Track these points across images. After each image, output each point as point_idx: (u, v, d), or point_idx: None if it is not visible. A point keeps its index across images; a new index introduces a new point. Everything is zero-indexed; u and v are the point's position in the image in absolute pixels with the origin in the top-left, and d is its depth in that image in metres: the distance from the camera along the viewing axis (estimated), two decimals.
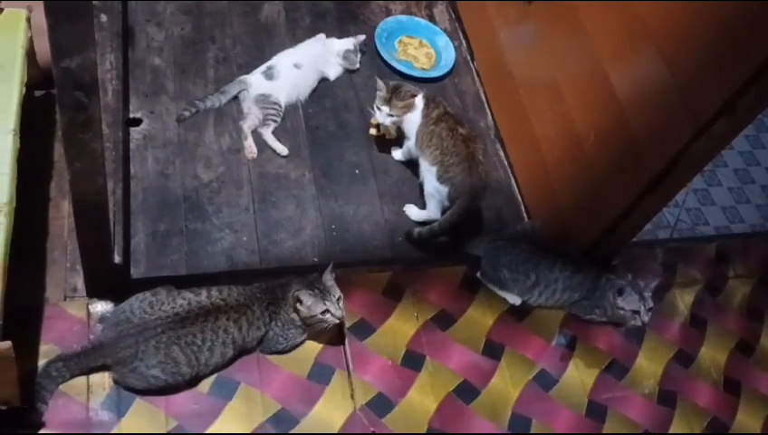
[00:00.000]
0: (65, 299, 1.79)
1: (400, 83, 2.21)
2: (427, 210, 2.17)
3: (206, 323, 1.66)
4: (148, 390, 1.66)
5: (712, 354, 2.14)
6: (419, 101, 2.17)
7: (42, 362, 1.65)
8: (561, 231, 2.14)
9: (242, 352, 1.78)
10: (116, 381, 1.66)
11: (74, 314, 1.76)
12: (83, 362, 1.62)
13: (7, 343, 1.35)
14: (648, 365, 2.07)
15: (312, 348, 1.86)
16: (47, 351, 1.69)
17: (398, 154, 2.32)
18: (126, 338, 1.61)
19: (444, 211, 2.13)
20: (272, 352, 1.81)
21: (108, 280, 1.77)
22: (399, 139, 2.30)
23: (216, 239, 2.03)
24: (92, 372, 1.66)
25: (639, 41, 1.78)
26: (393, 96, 2.15)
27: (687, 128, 1.68)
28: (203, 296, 1.69)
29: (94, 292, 1.79)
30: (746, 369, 2.15)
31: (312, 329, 1.80)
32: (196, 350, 1.65)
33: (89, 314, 1.77)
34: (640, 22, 1.77)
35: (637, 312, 1.92)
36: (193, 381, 1.71)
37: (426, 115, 2.14)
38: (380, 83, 2.17)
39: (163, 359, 1.62)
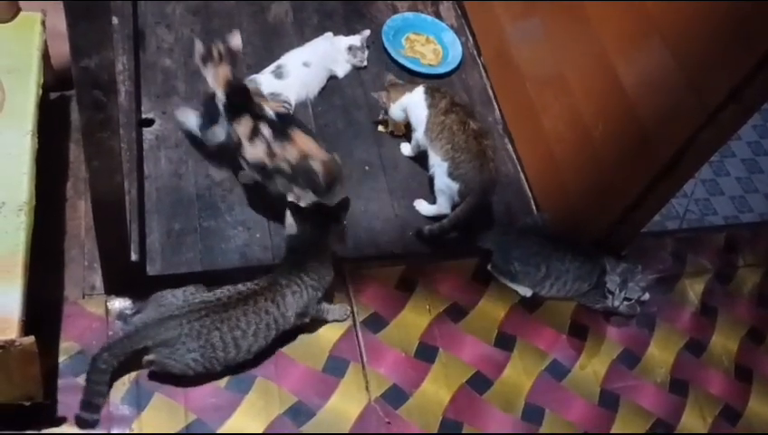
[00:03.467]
0: (84, 297, 1.82)
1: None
2: (437, 205, 2.19)
3: (248, 307, 1.71)
4: (182, 375, 1.68)
5: (723, 342, 2.16)
6: (420, 91, 2.19)
7: (62, 359, 1.69)
8: (570, 223, 2.15)
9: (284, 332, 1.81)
10: (150, 365, 1.67)
11: (93, 311, 1.79)
12: (127, 345, 1.63)
13: (30, 338, 1.38)
14: (660, 354, 2.08)
15: (327, 341, 1.88)
16: (67, 348, 1.72)
17: (406, 149, 2.34)
18: (170, 319, 1.63)
19: (454, 206, 2.15)
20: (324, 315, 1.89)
21: (125, 277, 1.80)
22: (408, 134, 2.32)
23: (229, 236, 2.05)
24: (136, 357, 1.66)
25: (645, 31, 1.79)
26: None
27: (695, 117, 1.70)
28: (239, 286, 1.75)
29: (112, 289, 1.82)
30: (758, 356, 2.16)
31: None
32: (240, 335, 1.69)
33: (107, 311, 1.80)
34: (645, 12, 1.78)
35: (611, 292, 1.94)
36: (226, 371, 1.74)
37: (432, 105, 2.16)
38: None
39: (204, 343, 1.65)
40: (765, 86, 1.59)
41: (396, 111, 2.27)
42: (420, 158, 2.28)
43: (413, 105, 2.21)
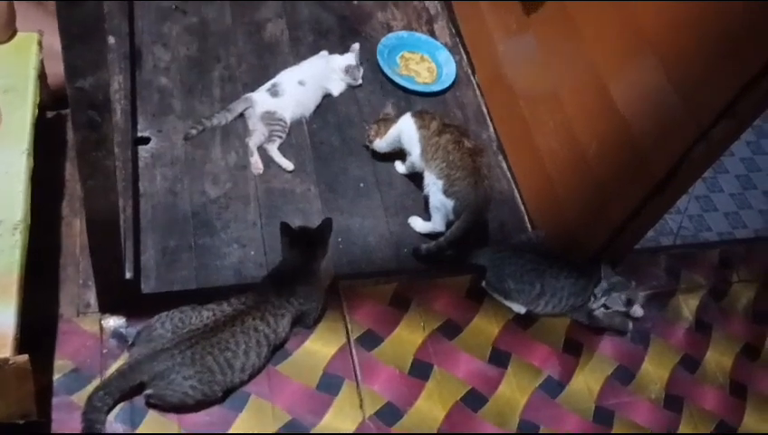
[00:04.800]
0: (78, 315, 1.82)
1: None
2: (432, 222, 2.20)
3: (235, 327, 1.71)
4: (183, 406, 1.69)
5: (718, 358, 2.16)
6: (407, 117, 2.21)
7: (57, 377, 1.69)
8: (564, 240, 2.16)
9: (276, 347, 1.83)
10: (150, 399, 1.68)
11: (87, 329, 1.80)
12: (122, 382, 1.64)
13: (24, 357, 1.38)
14: (655, 370, 2.08)
15: (321, 359, 1.89)
16: (62, 365, 1.73)
17: (401, 167, 2.36)
18: (162, 353, 1.64)
19: (449, 224, 2.16)
20: (316, 322, 1.92)
21: (120, 295, 1.80)
22: (401, 152, 2.33)
23: (224, 254, 2.06)
24: (132, 395, 1.68)
25: (638, 48, 1.81)
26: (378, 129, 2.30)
27: (688, 133, 1.71)
28: (224, 305, 1.75)
29: (107, 307, 1.82)
30: (752, 372, 2.16)
31: None
32: (231, 356, 1.70)
33: (101, 329, 1.80)
34: (639, 30, 1.80)
35: (594, 295, 1.98)
36: (227, 393, 1.74)
37: (423, 127, 2.17)
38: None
39: (200, 368, 1.65)
40: (757, 102, 1.61)
41: (381, 145, 2.30)
42: (415, 176, 2.30)
43: (403, 131, 2.22)
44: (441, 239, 2.13)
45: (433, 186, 2.15)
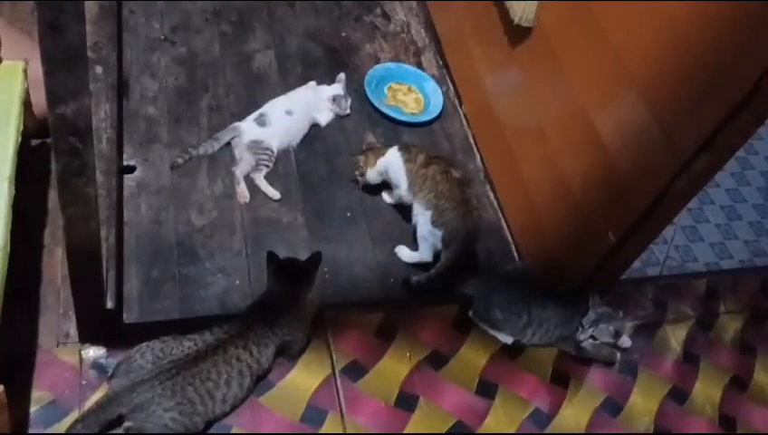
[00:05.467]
0: (58, 345, 1.79)
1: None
2: (419, 252, 2.19)
3: (217, 357, 1.68)
4: None
5: (706, 390, 2.14)
6: (394, 151, 2.22)
7: (34, 409, 1.65)
8: (550, 269, 2.16)
9: (259, 377, 1.80)
10: (129, 432, 1.63)
11: (66, 360, 1.76)
12: (101, 415, 1.60)
13: (0, 387, 1.35)
14: (643, 402, 2.06)
15: (305, 390, 1.86)
16: (39, 397, 1.69)
17: (388, 198, 2.35)
18: (141, 384, 1.61)
19: (436, 254, 2.15)
20: (300, 353, 1.90)
21: (100, 325, 1.77)
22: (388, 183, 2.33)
23: (208, 284, 2.04)
24: (111, 427, 1.63)
25: (620, 82, 1.83)
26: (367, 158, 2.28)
27: (670, 165, 1.72)
28: (207, 335, 1.73)
29: (87, 337, 1.79)
30: (741, 404, 2.14)
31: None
32: (212, 386, 1.67)
33: (81, 359, 1.77)
34: (621, 66, 1.83)
35: (582, 326, 1.97)
36: (208, 425, 1.71)
37: (410, 160, 2.18)
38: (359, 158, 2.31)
39: (180, 400, 1.62)
40: (736, 134, 1.62)
41: (373, 175, 2.29)
42: (402, 207, 2.29)
43: (390, 165, 2.23)
44: (431, 271, 2.12)
45: (421, 217, 2.14)
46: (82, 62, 1.19)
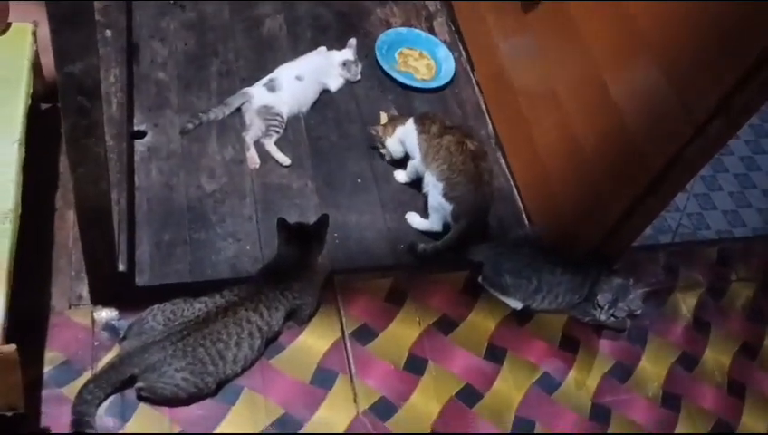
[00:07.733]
0: (70, 307, 1.81)
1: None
2: (429, 221, 2.18)
3: (228, 319, 1.70)
4: (175, 399, 1.67)
5: (716, 357, 2.14)
6: (410, 122, 2.21)
7: (47, 369, 1.68)
8: (561, 235, 2.15)
9: (269, 340, 1.82)
10: (141, 392, 1.66)
11: (79, 321, 1.78)
12: (113, 375, 1.63)
13: (12, 347, 1.36)
14: (652, 368, 2.06)
15: (315, 353, 1.87)
16: (52, 358, 1.71)
17: (401, 176, 2.32)
18: (153, 345, 1.63)
19: (446, 225, 2.14)
20: (310, 318, 1.90)
21: (112, 287, 1.79)
22: (402, 160, 2.32)
23: (219, 248, 2.05)
24: (123, 388, 1.67)
25: (635, 47, 1.81)
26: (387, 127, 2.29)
27: (684, 129, 1.70)
28: (217, 297, 1.74)
29: (99, 299, 1.80)
30: (751, 371, 2.14)
31: None
32: (223, 347, 1.69)
33: (93, 321, 1.79)
34: (636, 28, 1.79)
35: (600, 307, 1.97)
36: (219, 386, 1.73)
37: (424, 131, 2.17)
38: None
39: (191, 360, 1.64)
40: (752, 98, 1.59)
41: (394, 144, 2.28)
42: (416, 182, 2.28)
43: (406, 135, 2.23)
44: (438, 243, 2.11)
45: (433, 188, 2.13)
46: (89, 19, 1.18)
